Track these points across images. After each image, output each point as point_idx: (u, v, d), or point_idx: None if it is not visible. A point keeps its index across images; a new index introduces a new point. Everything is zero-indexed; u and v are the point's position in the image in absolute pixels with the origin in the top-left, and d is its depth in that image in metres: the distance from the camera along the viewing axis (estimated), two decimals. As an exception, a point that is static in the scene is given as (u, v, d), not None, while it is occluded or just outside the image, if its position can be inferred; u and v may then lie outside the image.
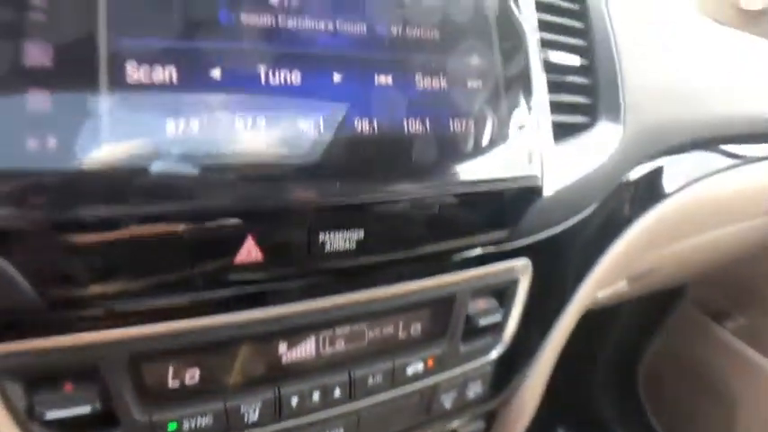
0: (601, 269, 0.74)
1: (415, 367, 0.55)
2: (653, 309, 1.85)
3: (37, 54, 0.36)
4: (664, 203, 0.81)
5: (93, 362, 0.42)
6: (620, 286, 1.05)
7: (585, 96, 0.66)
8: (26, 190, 0.35)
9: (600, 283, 0.77)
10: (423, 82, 0.49)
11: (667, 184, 0.81)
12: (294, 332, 0.49)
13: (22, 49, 0.35)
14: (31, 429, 0.41)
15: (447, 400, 0.58)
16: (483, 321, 0.58)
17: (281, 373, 0.49)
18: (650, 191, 0.78)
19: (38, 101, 0.35)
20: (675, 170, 0.82)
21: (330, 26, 0.45)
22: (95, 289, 0.39)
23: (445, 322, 0.56)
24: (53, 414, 0.41)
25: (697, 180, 0.84)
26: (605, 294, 1.00)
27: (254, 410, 0.47)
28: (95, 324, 0.41)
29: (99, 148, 0.37)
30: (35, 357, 0.40)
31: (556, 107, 0.60)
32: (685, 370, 1.84)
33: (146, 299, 0.42)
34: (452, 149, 0.49)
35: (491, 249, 0.56)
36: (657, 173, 0.78)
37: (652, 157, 0.76)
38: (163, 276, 0.41)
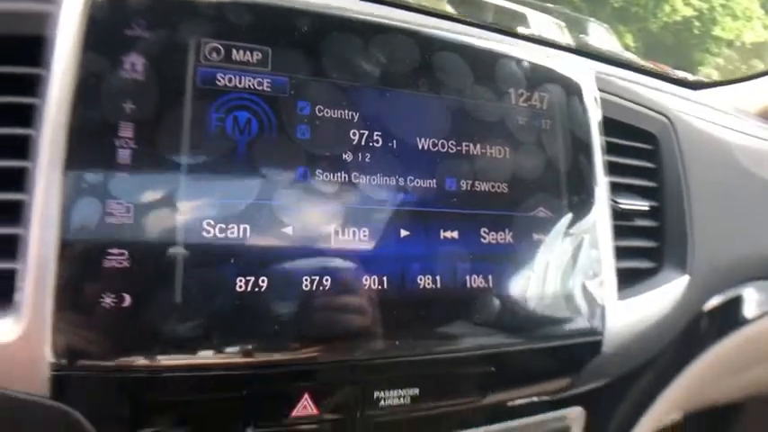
0: (659, 408, 0.69)
1: None
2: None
3: (119, 212, 0.37)
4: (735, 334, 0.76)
5: None
6: (673, 417, 0.98)
7: (652, 240, 0.63)
8: (99, 342, 0.36)
9: (655, 420, 0.72)
10: (488, 237, 0.48)
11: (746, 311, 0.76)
12: None
13: (105, 207, 0.37)
14: None
15: None
16: None
17: None
18: (721, 323, 0.73)
19: (116, 258, 0.36)
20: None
21: (401, 182, 0.45)
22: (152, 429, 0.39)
23: None
24: None
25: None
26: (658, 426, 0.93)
27: None
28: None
29: (170, 304, 0.37)
30: None
31: (620, 252, 0.57)
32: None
33: None
34: (514, 305, 0.48)
35: (545, 398, 0.54)
36: (731, 304, 0.73)
37: (722, 292, 0.72)
38: (221, 428, 0.40)
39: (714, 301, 0.71)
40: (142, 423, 0.38)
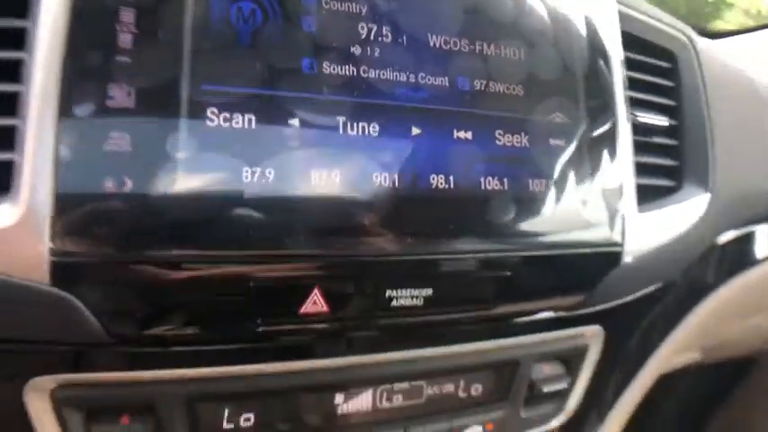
0: (676, 338, 0.67)
1: (473, 430, 0.50)
2: (720, 376, 1.69)
3: (120, 96, 0.35)
4: (751, 271, 0.74)
5: (150, 399, 0.40)
6: (693, 356, 0.96)
7: (672, 158, 0.61)
8: (100, 228, 0.35)
9: (673, 354, 0.70)
10: (503, 139, 0.46)
11: (757, 250, 0.73)
12: (352, 385, 0.46)
13: (107, 90, 0.35)
14: None
15: (503, 467, 0.54)
16: (547, 388, 0.53)
17: (335, 425, 0.46)
18: (737, 257, 0.71)
19: (118, 142, 0.35)
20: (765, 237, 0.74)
21: (411, 78, 0.43)
22: (159, 328, 0.38)
23: (507, 386, 0.52)
24: None
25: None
26: (675, 365, 0.92)
27: None
28: (156, 363, 0.40)
29: (174, 190, 0.36)
30: (96, 390, 0.40)
31: (640, 169, 0.55)
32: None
33: (207, 342, 0.40)
34: (530, 210, 0.46)
35: (562, 314, 0.52)
36: (745, 239, 0.71)
37: (739, 226, 0.69)
38: (226, 321, 0.39)
39: (729, 235, 0.69)
40: (146, 317, 0.37)
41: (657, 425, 1.75)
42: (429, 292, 0.42)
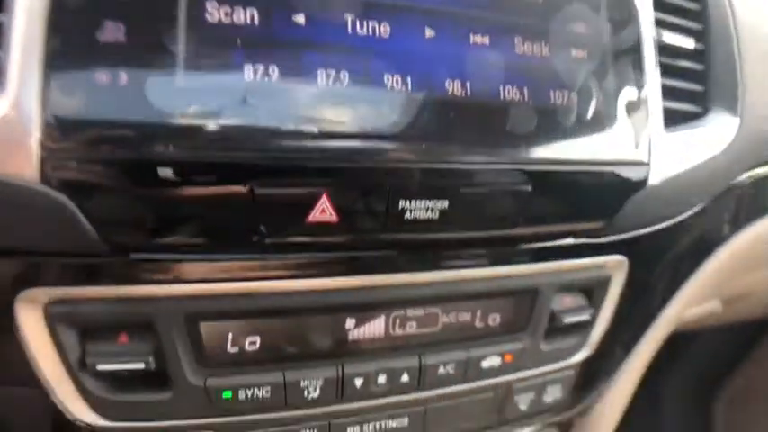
0: (698, 279, 0.64)
1: (492, 361, 0.48)
2: (739, 337, 1.67)
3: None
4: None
5: (149, 316, 0.38)
6: (713, 307, 0.93)
7: (698, 83, 0.57)
8: (92, 124, 0.32)
9: (695, 296, 0.67)
10: (522, 46, 0.42)
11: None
12: (363, 308, 0.43)
13: None
14: (81, 380, 0.38)
15: (523, 402, 0.51)
16: (569, 319, 0.50)
17: (346, 351, 0.44)
18: (762, 199, 0.68)
19: (112, 32, 0.32)
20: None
21: (426, -24, 0.40)
22: (158, 238, 0.35)
23: (527, 316, 0.49)
24: (105, 366, 0.38)
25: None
26: (696, 313, 0.89)
27: (315, 387, 0.42)
28: (154, 277, 0.37)
29: (172, 88, 0.33)
30: (91, 306, 0.37)
31: (665, 92, 0.52)
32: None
33: (209, 253, 0.38)
34: (552, 123, 0.43)
35: (584, 241, 0.49)
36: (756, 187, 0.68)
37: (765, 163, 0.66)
38: (229, 230, 0.36)
39: (753, 173, 0.65)
40: (143, 223, 0.35)
41: (673, 385, 1.73)
42: (445, 204, 0.40)
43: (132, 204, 0.34)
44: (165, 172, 0.33)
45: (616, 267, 0.52)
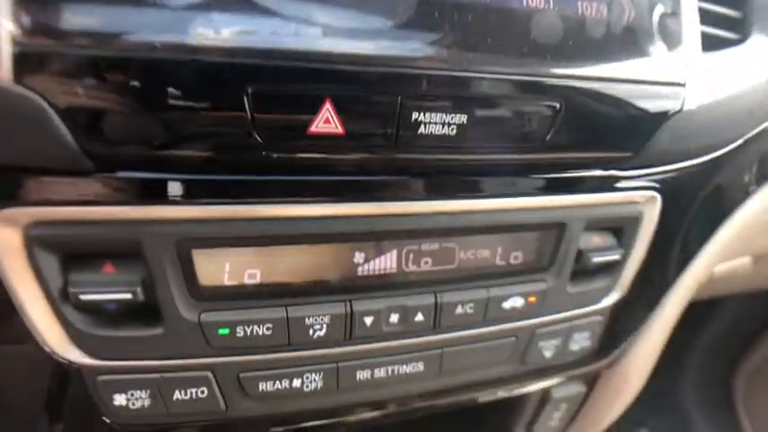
0: (733, 227, 0.59)
1: (514, 302, 0.44)
2: (761, 310, 1.63)
3: None
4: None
5: (137, 242, 0.34)
6: (743, 264, 0.89)
7: (736, 9, 0.52)
8: (69, 11, 0.28)
9: (729, 246, 0.63)
10: (548, -51, 0.38)
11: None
12: (373, 238, 0.39)
13: None
14: (63, 312, 0.35)
15: (547, 350, 0.47)
16: (597, 258, 0.46)
17: (354, 286, 0.40)
18: None
19: None
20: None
21: None
22: (145, 151, 0.31)
23: (552, 254, 0.45)
24: (89, 297, 0.34)
25: None
26: (726, 270, 0.84)
27: (321, 326, 0.38)
28: (143, 198, 0.33)
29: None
30: (74, 228, 0.33)
31: (703, 16, 0.47)
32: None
33: (203, 171, 0.33)
34: (580, 35, 0.38)
35: (614, 173, 0.45)
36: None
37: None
38: (225, 140, 0.32)
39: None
40: (126, 130, 0.30)
41: (693, 356, 1.70)
42: (463, 119, 0.35)
43: (114, 110, 0.30)
44: (154, 72, 0.29)
45: (648, 204, 0.48)
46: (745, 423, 1.80)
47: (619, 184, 0.46)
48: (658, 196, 0.48)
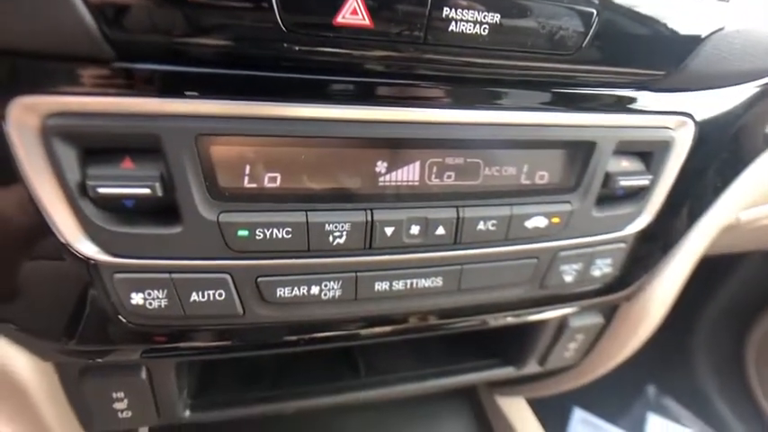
0: (762, 167, 0.57)
1: (537, 222, 0.43)
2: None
3: None
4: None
5: (157, 136, 0.33)
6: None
7: None
8: None
9: (756, 188, 0.60)
10: None
11: None
12: (396, 146, 0.38)
13: None
14: (80, 207, 0.34)
15: (568, 274, 0.46)
16: (625, 182, 0.44)
17: (376, 195, 0.38)
18: None
19: None
20: None
21: None
22: (167, 41, 0.30)
23: (580, 174, 0.43)
24: (107, 190, 0.33)
25: None
26: (751, 217, 0.82)
27: (341, 233, 0.38)
28: (164, 91, 0.32)
29: None
30: (94, 120, 0.32)
31: None
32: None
33: (225, 64, 0.32)
34: None
35: (647, 94, 0.43)
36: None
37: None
38: (247, 30, 0.31)
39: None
40: (149, 17, 0.29)
41: (707, 317, 1.70)
42: (497, 18, 0.34)
43: None
44: None
45: (680, 130, 0.46)
46: (754, 384, 1.80)
47: (651, 107, 0.44)
48: (691, 122, 0.46)
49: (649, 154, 0.46)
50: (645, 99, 0.43)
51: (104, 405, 0.45)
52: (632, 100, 0.43)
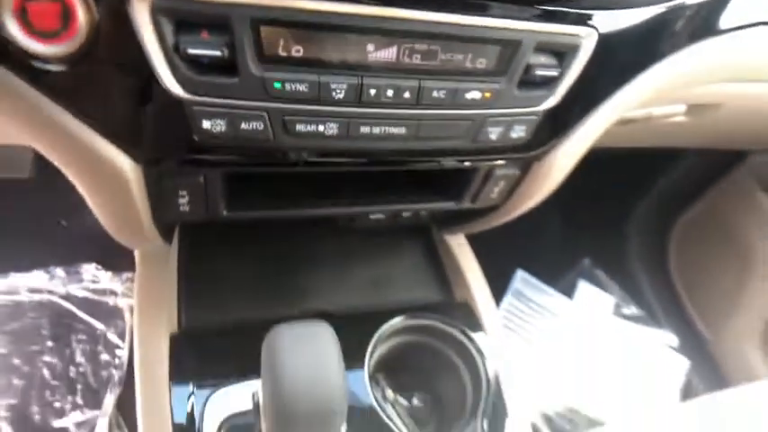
0: (661, 68, 0.74)
1: (474, 94, 0.62)
2: (708, 167, 1.83)
3: None
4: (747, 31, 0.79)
5: (225, 17, 0.50)
6: (678, 111, 1.06)
7: None
8: None
9: (653, 92, 0.78)
10: None
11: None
12: (382, 34, 0.56)
13: None
14: (174, 62, 0.52)
15: (493, 133, 0.67)
16: (540, 72, 0.63)
17: (365, 67, 0.57)
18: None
19: None
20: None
21: None
22: None
23: (507, 63, 0.62)
24: (192, 51, 0.51)
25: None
26: (663, 113, 1.02)
27: (341, 90, 0.57)
28: None
29: None
30: (186, 4, 0.49)
31: None
32: (718, 232, 1.86)
33: None
34: None
35: (564, 9, 0.61)
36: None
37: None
38: None
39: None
40: None
41: (640, 207, 1.93)
42: None
43: None
44: None
45: (587, 38, 0.64)
46: (673, 267, 2.10)
47: (566, 19, 0.62)
48: (596, 33, 0.65)
49: (562, 53, 0.65)
50: (562, 13, 0.61)
51: (172, 200, 0.66)
52: (552, 13, 0.60)
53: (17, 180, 1.37)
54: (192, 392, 0.75)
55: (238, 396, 0.74)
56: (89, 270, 1.55)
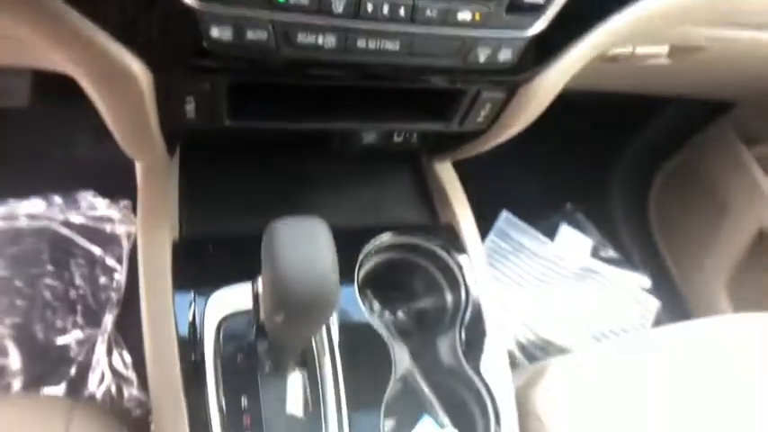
0: (633, 15, 0.78)
1: (464, 15, 0.66)
2: (692, 119, 1.88)
3: None
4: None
5: None
6: (661, 53, 1.10)
7: None
8: None
9: (641, 21, 0.83)
10: None
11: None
12: None
13: None
14: None
15: (481, 55, 0.71)
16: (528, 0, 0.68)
17: None
18: None
19: None
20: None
21: None
22: None
23: None
24: None
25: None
26: (645, 53, 1.06)
27: (340, 4, 0.62)
28: None
29: None
30: None
31: None
32: (698, 182, 1.94)
33: None
34: None
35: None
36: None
37: None
38: None
39: None
40: None
41: (629, 148, 1.99)
42: None
43: None
44: None
45: None
46: (652, 216, 2.17)
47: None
48: None
49: None
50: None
51: (179, 107, 0.71)
52: None
53: (15, 110, 1.40)
54: (194, 297, 0.82)
55: (236, 297, 0.80)
56: (86, 197, 1.59)
